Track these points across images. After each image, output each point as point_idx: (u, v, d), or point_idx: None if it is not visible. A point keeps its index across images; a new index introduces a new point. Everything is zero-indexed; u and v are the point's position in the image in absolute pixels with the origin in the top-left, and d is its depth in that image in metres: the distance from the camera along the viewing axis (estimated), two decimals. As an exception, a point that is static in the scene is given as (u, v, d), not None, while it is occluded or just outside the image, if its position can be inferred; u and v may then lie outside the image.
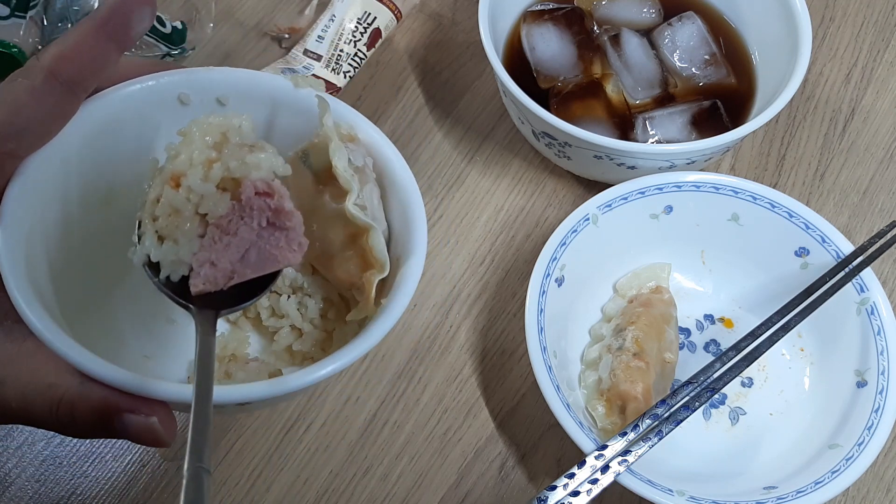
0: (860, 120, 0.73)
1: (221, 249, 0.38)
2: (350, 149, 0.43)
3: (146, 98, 0.43)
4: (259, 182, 0.38)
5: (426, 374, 0.61)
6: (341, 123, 0.45)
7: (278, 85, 0.45)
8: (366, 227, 0.43)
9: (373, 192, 0.45)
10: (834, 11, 0.78)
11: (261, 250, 0.39)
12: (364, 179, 0.44)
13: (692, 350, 0.61)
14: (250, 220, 0.38)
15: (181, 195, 0.38)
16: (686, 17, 0.70)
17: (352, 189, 0.42)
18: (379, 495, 0.57)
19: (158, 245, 0.39)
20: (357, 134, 0.45)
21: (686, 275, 0.64)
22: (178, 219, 0.38)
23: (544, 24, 0.69)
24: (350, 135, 0.45)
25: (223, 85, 0.45)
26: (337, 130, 0.43)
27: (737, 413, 0.59)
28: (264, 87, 0.45)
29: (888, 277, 0.66)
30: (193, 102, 0.44)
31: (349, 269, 0.44)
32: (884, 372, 0.55)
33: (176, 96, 0.44)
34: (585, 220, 0.59)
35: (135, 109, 0.43)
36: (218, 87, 0.45)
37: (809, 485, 0.51)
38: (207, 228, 0.39)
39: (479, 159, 0.70)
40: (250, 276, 0.39)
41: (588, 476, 0.50)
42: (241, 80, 0.45)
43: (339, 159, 0.42)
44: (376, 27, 0.70)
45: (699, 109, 0.66)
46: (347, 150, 0.43)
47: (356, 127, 0.45)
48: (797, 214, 0.60)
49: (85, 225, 0.44)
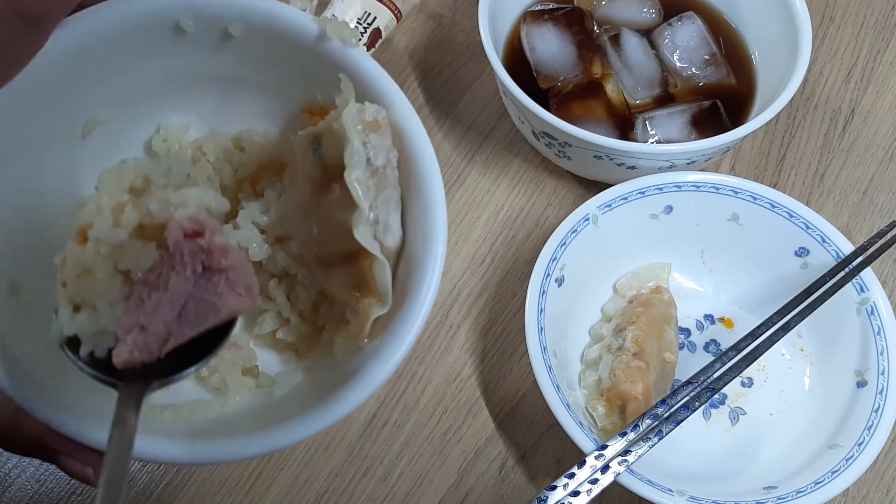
0: (860, 120, 0.73)
1: (151, 309, 0.32)
2: (372, 144, 0.35)
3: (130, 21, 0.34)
4: (186, 221, 0.31)
5: (426, 374, 0.61)
6: (370, 105, 0.36)
7: (302, 25, 0.36)
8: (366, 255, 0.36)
9: (390, 199, 0.37)
10: (834, 11, 0.78)
11: (199, 302, 0.32)
12: (382, 184, 0.36)
13: (692, 350, 0.61)
14: (182, 269, 0.32)
15: (89, 250, 0.31)
16: (686, 17, 0.70)
17: (362, 209, 0.35)
18: (379, 495, 0.57)
19: (72, 315, 0.32)
20: (386, 119, 0.36)
21: (686, 275, 0.64)
22: (92, 280, 0.31)
23: (544, 24, 0.69)
24: (376, 121, 0.36)
25: (233, 12, 0.35)
26: (360, 117, 0.35)
27: (737, 413, 0.59)
28: (284, 25, 0.36)
29: (888, 277, 0.66)
30: (194, 33, 0.35)
31: (346, 288, 0.37)
32: (884, 372, 0.55)
33: (172, 23, 0.35)
34: (585, 220, 0.59)
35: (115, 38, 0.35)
36: (226, 14, 0.35)
37: (809, 485, 0.51)
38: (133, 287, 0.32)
39: (479, 159, 0.70)
40: (189, 334, 0.32)
41: (588, 476, 0.50)
42: (259, 11, 0.35)
43: (353, 169, 0.34)
44: (376, 27, 0.70)
45: (699, 109, 0.66)
46: (368, 148, 0.35)
47: (389, 106, 0.36)
48: (797, 214, 0.60)
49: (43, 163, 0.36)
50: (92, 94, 0.36)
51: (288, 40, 0.36)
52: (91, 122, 0.37)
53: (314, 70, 0.36)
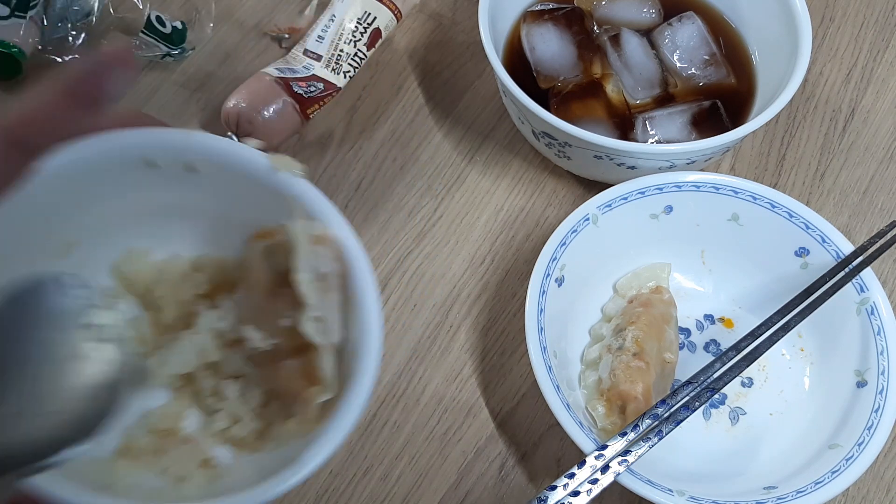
0: (860, 120, 0.73)
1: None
2: (319, 253, 0.40)
3: (106, 156, 0.39)
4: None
5: (426, 374, 0.61)
6: (316, 222, 0.41)
7: (255, 161, 0.41)
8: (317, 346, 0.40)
9: (333, 304, 0.41)
10: (834, 11, 0.78)
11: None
12: (327, 287, 0.40)
13: (692, 350, 0.61)
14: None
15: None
16: (686, 17, 0.70)
17: (309, 305, 0.39)
18: (379, 495, 0.57)
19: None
20: (330, 234, 0.41)
21: (686, 275, 0.64)
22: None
23: (544, 24, 0.69)
24: (323, 235, 0.41)
25: (196, 149, 0.40)
26: (309, 231, 0.40)
27: (737, 413, 0.59)
28: (239, 161, 0.41)
29: (888, 277, 0.66)
30: (161, 164, 0.40)
31: (293, 379, 0.41)
32: (884, 372, 0.55)
33: (141, 156, 0.40)
34: (585, 220, 0.59)
35: (93, 170, 0.39)
36: (190, 151, 0.40)
37: (809, 485, 0.51)
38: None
39: (479, 159, 0.70)
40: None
41: (588, 476, 0.50)
42: (216, 149, 0.41)
43: (303, 272, 0.39)
44: (376, 27, 0.70)
45: (699, 109, 0.66)
46: (314, 256, 0.40)
47: (330, 225, 0.41)
48: (797, 214, 0.60)
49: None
50: (70, 219, 0.40)
51: (243, 173, 0.41)
52: (68, 244, 0.41)
53: (266, 198, 0.41)
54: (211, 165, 0.41)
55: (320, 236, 0.40)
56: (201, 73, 0.72)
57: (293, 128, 0.67)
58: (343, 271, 0.41)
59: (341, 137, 0.70)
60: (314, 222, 0.40)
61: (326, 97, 0.67)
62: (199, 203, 0.43)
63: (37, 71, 0.70)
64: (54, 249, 0.41)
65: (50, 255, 0.41)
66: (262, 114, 0.64)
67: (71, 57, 0.51)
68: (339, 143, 0.70)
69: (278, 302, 0.40)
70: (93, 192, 0.40)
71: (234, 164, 0.41)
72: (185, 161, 0.40)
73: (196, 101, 0.71)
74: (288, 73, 0.67)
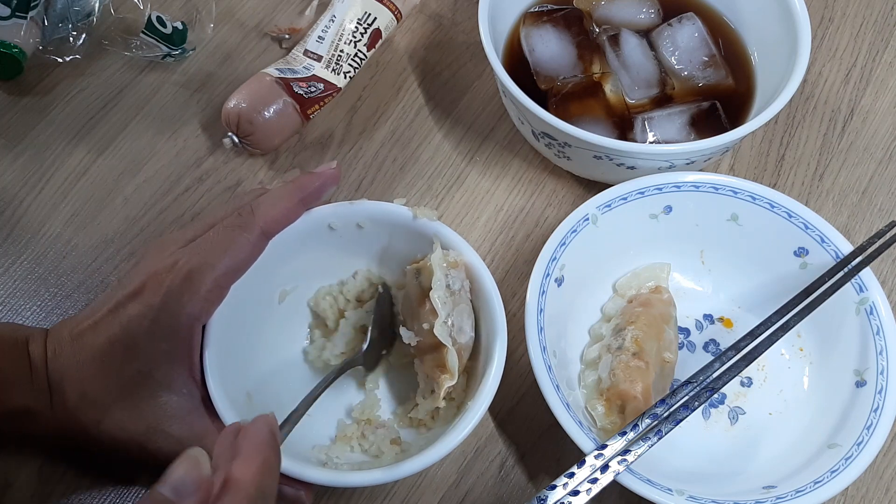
0: (859, 120, 0.73)
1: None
2: (451, 275, 0.54)
3: (304, 227, 0.56)
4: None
5: (426, 373, 0.61)
6: (450, 251, 0.56)
7: (401, 214, 0.57)
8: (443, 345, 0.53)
9: (464, 312, 0.55)
10: (833, 12, 0.78)
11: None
12: (458, 301, 0.54)
13: (691, 350, 0.62)
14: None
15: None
16: (685, 17, 0.70)
17: (440, 314, 0.52)
18: (379, 495, 0.57)
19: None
20: (460, 260, 0.55)
21: (685, 275, 0.64)
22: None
23: (543, 25, 0.69)
24: (455, 261, 0.55)
25: (361, 214, 0.58)
26: (445, 257, 0.54)
27: (736, 413, 0.59)
28: (391, 215, 0.57)
29: (887, 277, 0.66)
30: (339, 227, 0.58)
31: (432, 367, 0.54)
32: (883, 371, 0.55)
33: (327, 224, 0.57)
34: (585, 220, 0.59)
35: (296, 236, 0.56)
36: (357, 215, 0.58)
37: (808, 484, 0.52)
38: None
39: (479, 159, 0.70)
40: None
41: (588, 475, 0.50)
42: (374, 210, 0.58)
43: (435, 290, 0.53)
44: (376, 28, 0.70)
45: (698, 110, 0.66)
46: (448, 277, 0.54)
47: (461, 253, 0.56)
48: (796, 214, 0.60)
49: (258, 320, 0.58)
50: (280, 272, 0.58)
51: (395, 224, 0.58)
52: (283, 292, 0.60)
53: (414, 239, 0.57)
54: (372, 221, 0.58)
55: (453, 262, 0.55)
56: (202, 74, 0.72)
57: (293, 128, 0.67)
58: (471, 287, 0.56)
59: (341, 137, 0.70)
60: (448, 251, 0.56)
61: (327, 97, 0.68)
62: (365, 250, 0.60)
63: (37, 71, 0.70)
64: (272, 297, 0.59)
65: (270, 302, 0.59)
66: (263, 114, 0.65)
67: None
68: (340, 144, 0.70)
69: (426, 306, 0.54)
70: (294, 250, 0.57)
71: (388, 219, 0.58)
72: (355, 221, 0.58)
73: (196, 101, 0.71)
74: (288, 73, 0.67)
